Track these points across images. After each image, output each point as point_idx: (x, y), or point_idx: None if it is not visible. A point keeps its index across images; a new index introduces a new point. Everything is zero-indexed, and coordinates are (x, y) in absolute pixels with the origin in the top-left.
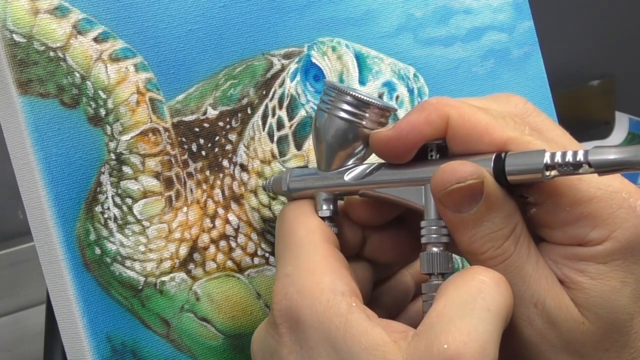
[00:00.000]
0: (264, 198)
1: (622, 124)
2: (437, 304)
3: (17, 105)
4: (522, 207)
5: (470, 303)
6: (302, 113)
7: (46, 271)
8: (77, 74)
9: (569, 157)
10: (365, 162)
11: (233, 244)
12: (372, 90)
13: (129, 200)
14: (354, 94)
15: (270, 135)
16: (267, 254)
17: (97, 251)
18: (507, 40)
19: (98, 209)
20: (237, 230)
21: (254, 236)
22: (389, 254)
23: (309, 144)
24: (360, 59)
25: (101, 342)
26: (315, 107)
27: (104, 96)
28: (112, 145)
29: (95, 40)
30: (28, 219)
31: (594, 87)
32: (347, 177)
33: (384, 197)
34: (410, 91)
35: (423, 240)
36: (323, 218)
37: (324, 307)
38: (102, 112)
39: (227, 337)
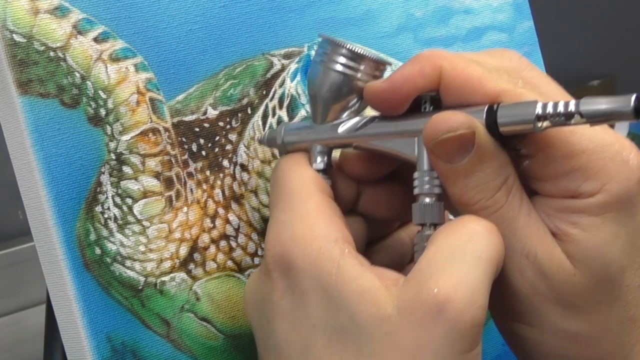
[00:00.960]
0: (264, 198)
1: (622, 124)
2: (428, 251)
3: (17, 105)
4: (515, 160)
5: (461, 250)
6: (302, 113)
7: (46, 271)
8: (77, 74)
9: (561, 108)
10: (359, 115)
11: (233, 244)
12: None
13: (129, 200)
14: (349, 46)
15: None
16: None
17: (97, 251)
18: (507, 40)
19: (98, 209)
20: (237, 230)
21: (255, 236)
22: (383, 208)
23: None
24: None
25: (101, 342)
26: None
27: (104, 96)
28: (112, 145)
29: (96, 40)
30: (28, 219)
31: (594, 87)
32: (341, 130)
33: (377, 149)
34: None
35: (415, 191)
36: (317, 170)
37: (317, 253)
38: (102, 112)
39: (228, 337)
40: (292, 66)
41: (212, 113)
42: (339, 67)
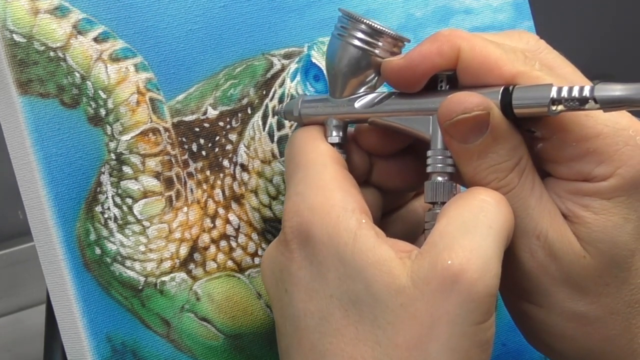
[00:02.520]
0: (264, 198)
1: None
2: (440, 223)
3: (17, 105)
4: (529, 142)
5: (472, 221)
6: None
7: (46, 271)
8: (77, 74)
9: (575, 92)
10: (376, 91)
11: (233, 244)
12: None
13: (129, 200)
14: (368, 22)
15: (271, 135)
16: None
17: (97, 251)
18: None
19: (98, 209)
20: (237, 230)
21: (255, 236)
22: (397, 180)
23: None
24: None
25: (101, 342)
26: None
27: (104, 96)
28: (112, 145)
29: (96, 40)
30: (28, 219)
31: None
32: (357, 105)
33: (392, 125)
34: None
35: (428, 169)
36: (332, 144)
37: (334, 223)
38: (102, 112)
39: (228, 337)
40: (292, 66)
41: (212, 113)
42: (357, 42)
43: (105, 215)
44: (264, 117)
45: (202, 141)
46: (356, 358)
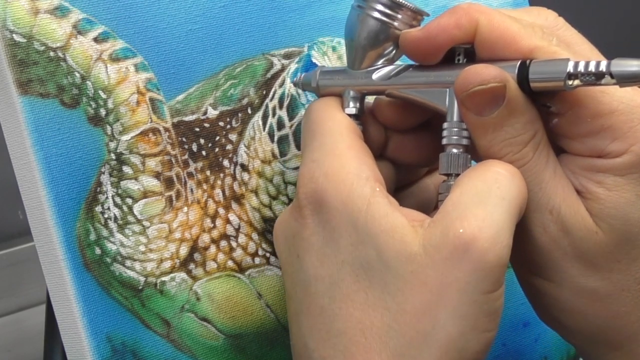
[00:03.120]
0: (264, 198)
1: None
2: (453, 193)
3: (17, 105)
4: (544, 117)
5: (486, 192)
6: (302, 113)
7: (46, 271)
8: (77, 74)
9: (592, 67)
10: (394, 63)
11: (234, 244)
12: None
13: (129, 200)
14: None
15: (271, 135)
16: (268, 254)
17: (97, 251)
18: None
19: (98, 209)
20: (237, 230)
21: (255, 236)
22: (411, 154)
23: None
24: None
25: (101, 342)
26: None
27: (104, 96)
28: (112, 145)
29: (96, 40)
30: (28, 219)
31: None
32: (375, 76)
33: (409, 97)
34: None
35: (444, 141)
36: (349, 115)
37: (349, 190)
38: (102, 112)
39: (228, 337)
40: (292, 66)
41: (213, 113)
42: (377, 14)
43: (105, 215)
44: (264, 117)
45: (202, 141)
46: (365, 323)
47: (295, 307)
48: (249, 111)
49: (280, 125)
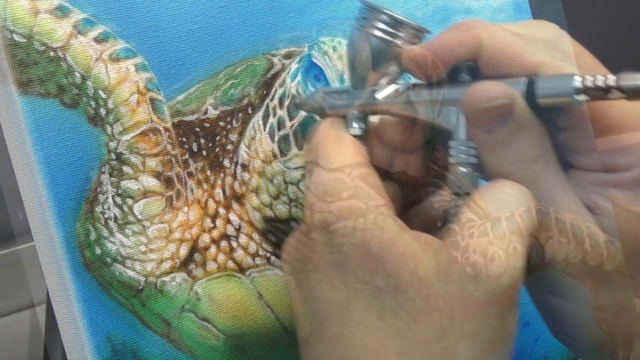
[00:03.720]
0: (265, 198)
1: None
2: (463, 215)
3: (17, 105)
4: (551, 132)
5: (497, 214)
6: (302, 113)
7: (46, 271)
8: (78, 74)
9: (599, 82)
10: (397, 82)
11: (234, 244)
12: None
13: (129, 200)
14: (389, 12)
15: (271, 135)
16: (268, 254)
17: (98, 251)
18: None
19: (98, 209)
20: (238, 230)
21: (256, 236)
22: (417, 173)
23: None
24: None
25: (101, 342)
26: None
27: (104, 96)
28: (112, 145)
29: (96, 40)
30: (28, 219)
31: None
32: (379, 96)
33: (413, 116)
34: None
35: (451, 160)
36: (354, 136)
37: (358, 214)
38: (103, 112)
39: (228, 337)
40: (293, 66)
41: (213, 113)
42: (378, 33)
43: (106, 215)
44: (265, 117)
45: (202, 141)
46: (378, 349)
47: (306, 333)
48: (250, 111)
49: (281, 125)
